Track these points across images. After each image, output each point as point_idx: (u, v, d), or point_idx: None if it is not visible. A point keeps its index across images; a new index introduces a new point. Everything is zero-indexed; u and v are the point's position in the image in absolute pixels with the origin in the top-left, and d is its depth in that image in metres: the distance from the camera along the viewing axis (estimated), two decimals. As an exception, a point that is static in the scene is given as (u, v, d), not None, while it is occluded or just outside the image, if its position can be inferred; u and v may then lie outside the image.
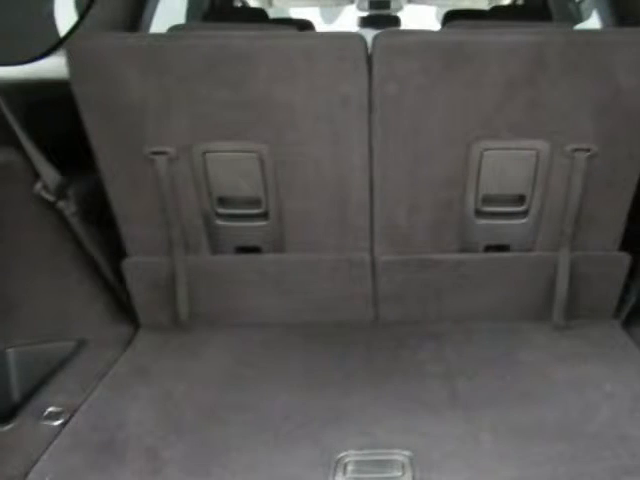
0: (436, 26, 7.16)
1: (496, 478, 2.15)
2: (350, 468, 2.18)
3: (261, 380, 2.72)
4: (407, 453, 2.23)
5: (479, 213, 2.91)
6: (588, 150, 2.70)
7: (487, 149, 2.74)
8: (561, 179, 2.79)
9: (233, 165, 2.80)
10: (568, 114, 2.64)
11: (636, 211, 2.87)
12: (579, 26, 4.82)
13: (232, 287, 3.07)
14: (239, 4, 6.31)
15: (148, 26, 3.97)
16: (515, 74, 2.57)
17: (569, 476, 2.13)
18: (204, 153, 2.75)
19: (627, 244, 2.97)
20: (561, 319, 3.04)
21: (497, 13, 4.48)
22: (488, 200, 2.88)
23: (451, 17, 4.77)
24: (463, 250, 2.99)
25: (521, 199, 2.88)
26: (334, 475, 2.15)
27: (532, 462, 2.20)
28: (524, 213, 2.91)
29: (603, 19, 3.67)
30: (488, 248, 3.02)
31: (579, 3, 5.01)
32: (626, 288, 3.06)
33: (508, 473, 2.16)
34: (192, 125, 2.69)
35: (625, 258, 2.97)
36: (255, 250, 3.04)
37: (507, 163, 2.78)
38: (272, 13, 6.16)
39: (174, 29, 2.98)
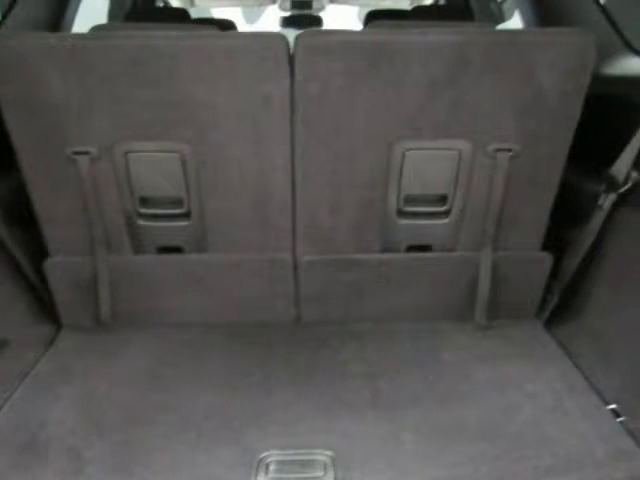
0: (358, 26, 7.17)
1: (418, 478, 2.15)
2: (272, 468, 2.19)
3: (183, 380, 2.71)
4: (329, 453, 2.24)
5: (401, 213, 2.91)
6: (510, 150, 2.72)
7: (409, 149, 2.73)
8: (483, 179, 2.80)
9: (155, 165, 2.77)
10: (490, 114, 2.65)
11: (558, 211, 2.89)
12: (501, 26, 4.87)
13: (154, 287, 3.05)
14: (161, 4, 6.30)
15: (70, 26, 3.91)
16: (437, 74, 2.57)
17: (491, 476, 2.15)
18: (126, 153, 2.73)
19: (549, 244, 2.99)
20: (483, 319, 3.06)
21: (419, 13, 4.48)
22: (410, 200, 2.88)
23: (373, 17, 4.77)
24: (385, 250, 2.99)
25: (443, 199, 2.89)
26: (256, 475, 2.15)
27: (454, 462, 2.21)
28: (446, 213, 2.92)
29: (525, 19, 3.69)
30: (410, 248, 3.02)
31: (501, 3, 5.06)
32: (548, 288, 3.08)
33: (430, 473, 2.16)
34: (114, 125, 2.66)
35: (547, 258, 2.99)
36: (177, 250, 3.02)
37: (429, 163, 2.78)
38: (194, 13, 6.10)
39: (96, 29, 2.94)
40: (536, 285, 3.07)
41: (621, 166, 2.69)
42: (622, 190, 2.72)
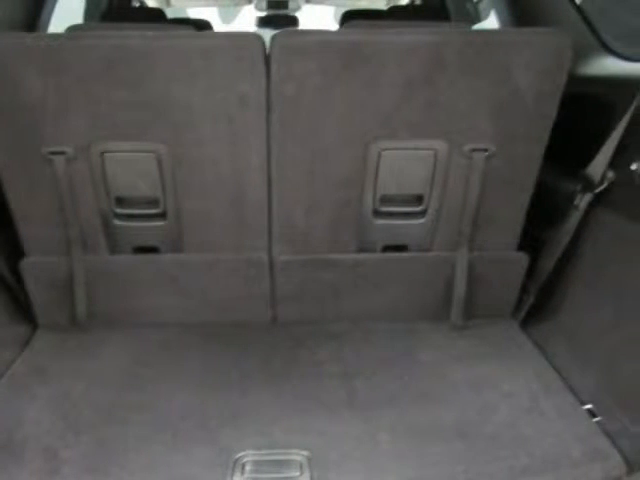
0: (334, 26, 7.17)
1: (394, 478, 2.15)
2: (248, 468, 2.18)
3: (159, 380, 2.70)
4: (305, 453, 2.23)
5: (377, 213, 2.91)
6: (486, 150, 2.72)
7: (385, 149, 2.73)
8: (459, 179, 2.80)
9: (131, 165, 2.77)
10: (466, 114, 2.66)
11: (534, 211, 2.89)
12: (477, 26, 4.88)
13: (130, 287, 3.04)
14: (137, 4, 6.28)
15: (46, 26, 3.91)
16: (413, 74, 2.57)
17: (467, 476, 2.15)
18: (102, 153, 2.72)
19: (525, 244, 3.00)
20: (459, 319, 3.06)
21: (395, 13, 4.49)
22: (386, 200, 2.88)
23: (349, 17, 4.78)
24: (361, 250, 2.99)
25: (419, 199, 2.89)
26: (232, 475, 2.14)
27: (430, 462, 2.20)
28: (422, 213, 2.92)
29: (501, 19, 3.70)
30: (386, 248, 3.02)
31: (477, 3, 5.07)
32: (524, 288, 3.09)
33: (406, 473, 2.16)
34: (90, 125, 2.65)
35: (523, 258, 3.00)
36: (153, 250, 3.01)
37: (405, 163, 2.78)
38: (170, 13, 6.10)
39: (72, 29, 2.92)
40: (512, 285, 3.08)
41: (597, 166, 2.69)
42: (598, 190, 2.72)
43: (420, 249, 3.01)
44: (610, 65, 2.93)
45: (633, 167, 2.57)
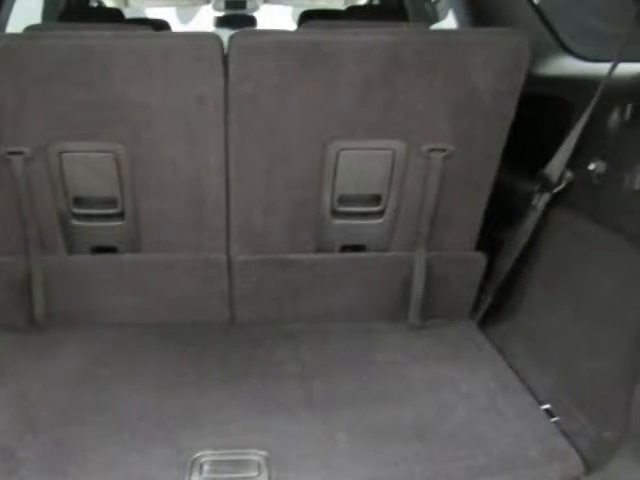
0: (292, 26, 7.17)
1: (352, 478, 2.15)
2: (206, 468, 2.16)
3: (117, 380, 2.68)
4: (263, 453, 2.21)
5: (335, 213, 2.91)
6: (444, 150, 2.72)
7: (343, 149, 2.73)
8: (417, 179, 2.80)
9: (89, 165, 2.75)
10: (424, 114, 2.66)
11: (492, 211, 2.90)
12: (435, 26, 4.89)
13: (88, 287, 3.02)
14: (95, 4, 6.27)
15: (4, 26, 3.89)
16: (371, 74, 2.57)
17: (425, 476, 2.14)
18: (60, 153, 2.71)
19: (483, 244, 3.01)
20: (417, 319, 3.06)
21: (353, 13, 4.50)
22: (344, 200, 2.88)
23: (307, 17, 4.79)
24: (319, 250, 2.99)
25: (377, 199, 2.89)
26: (190, 475, 2.12)
27: (388, 462, 2.20)
28: (380, 213, 2.92)
29: (459, 19, 3.71)
30: (344, 248, 3.02)
31: (435, 3, 5.09)
32: (481, 288, 3.09)
33: (364, 473, 2.16)
34: (48, 125, 2.64)
35: (481, 258, 3.00)
36: (111, 250, 3.00)
37: (363, 163, 2.78)
38: (128, 13, 6.11)
39: (30, 29, 2.91)
40: (470, 285, 3.08)
41: (555, 166, 2.71)
42: (556, 190, 2.73)
43: (378, 249, 3.02)
44: (568, 65, 2.95)
45: (591, 167, 2.59)
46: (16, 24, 3.98)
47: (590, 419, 2.28)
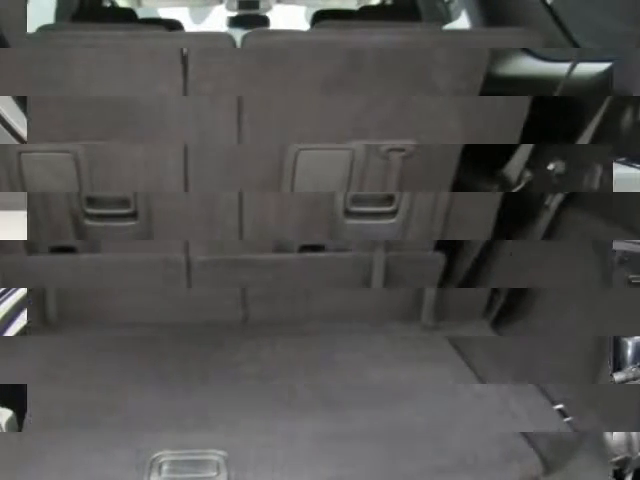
0: (305, 26, 7.16)
1: (312, 478, 2.17)
2: (165, 468, 2.16)
3: (76, 381, 2.69)
4: (222, 453, 2.22)
5: (348, 213, 2.90)
6: (403, 150, 2.69)
7: (303, 149, 2.70)
8: (376, 179, 2.78)
9: (48, 165, 2.72)
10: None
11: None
12: (448, 26, 4.87)
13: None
14: (108, 4, 6.23)
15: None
16: (328, 75, 2.55)
17: (384, 476, 2.17)
18: (19, 153, 2.67)
19: (442, 244, 3.04)
20: (430, 320, 3.11)
21: (366, 13, 4.50)
22: (357, 200, 2.88)
23: (320, 17, 4.78)
24: (279, 250, 3.02)
25: (390, 199, 2.88)
26: (149, 475, 2.13)
27: (348, 462, 2.21)
28: (393, 213, 2.91)
29: (472, 19, 3.71)
30: (304, 248, 3.04)
31: (448, 3, 5.06)
32: (495, 288, 3.10)
33: (324, 472, 2.17)
34: (67, 124, 2.61)
35: (440, 258, 3.04)
36: (70, 250, 3.00)
37: (322, 163, 2.76)
38: (141, 13, 6.08)
39: (43, 29, 2.89)
40: (429, 285, 3.10)
41: (514, 166, 2.74)
42: (515, 190, 2.76)
43: (337, 249, 3.03)
44: (528, 65, 2.95)
45: (550, 167, 2.62)
46: (29, 24, 4.00)
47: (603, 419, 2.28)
